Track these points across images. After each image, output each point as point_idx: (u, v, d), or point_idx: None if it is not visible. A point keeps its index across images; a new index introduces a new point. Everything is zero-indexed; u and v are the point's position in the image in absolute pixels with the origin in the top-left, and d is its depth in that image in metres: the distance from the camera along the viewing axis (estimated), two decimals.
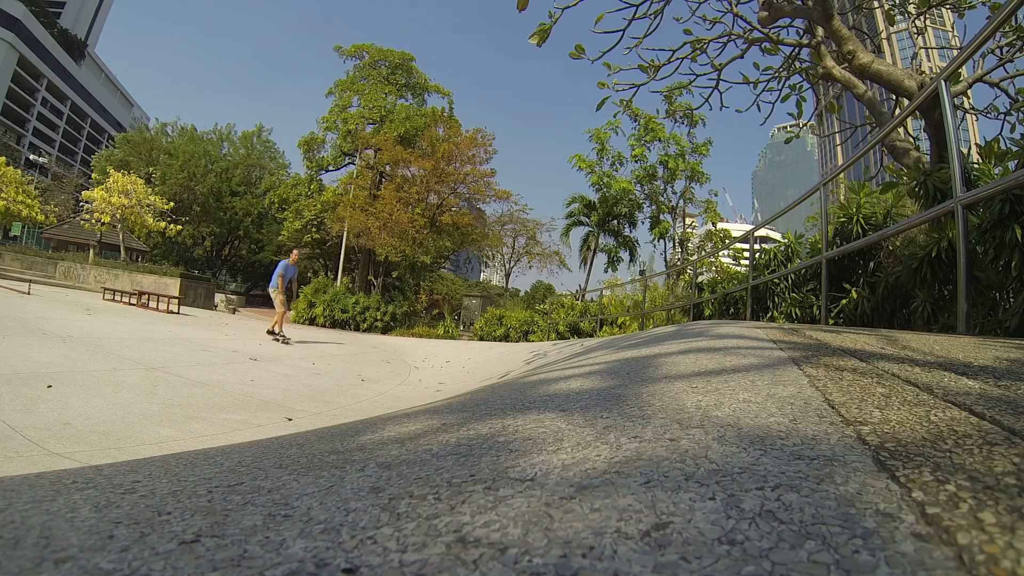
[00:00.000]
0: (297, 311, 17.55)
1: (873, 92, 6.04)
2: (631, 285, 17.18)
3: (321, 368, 5.88)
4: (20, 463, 2.02)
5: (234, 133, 36.14)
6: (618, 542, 0.50)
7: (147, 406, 3.11)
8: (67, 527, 0.66)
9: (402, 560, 0.51)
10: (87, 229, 22.87)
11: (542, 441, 0.94)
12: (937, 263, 3.56)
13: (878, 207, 4.80)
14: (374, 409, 3.72)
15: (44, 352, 4.23)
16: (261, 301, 36.88)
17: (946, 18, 11.54)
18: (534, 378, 2.35)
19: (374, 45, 27.66)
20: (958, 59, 2.75)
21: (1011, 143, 3.94)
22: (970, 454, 0.64)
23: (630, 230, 24.88)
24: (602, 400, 1.27)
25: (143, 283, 17.27)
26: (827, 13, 5.55)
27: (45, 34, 59.63)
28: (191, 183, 31.41)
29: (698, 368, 1.57)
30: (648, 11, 5.62)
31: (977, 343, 1.78)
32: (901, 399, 0.95)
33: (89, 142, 70.13)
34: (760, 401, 1.03)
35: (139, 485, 0.89)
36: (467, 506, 0.64)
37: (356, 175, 25.17)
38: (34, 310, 7.19)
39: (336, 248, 25.38)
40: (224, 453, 1.23)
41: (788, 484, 0.60)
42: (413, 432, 1.21)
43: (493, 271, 38.89)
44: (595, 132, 23.34)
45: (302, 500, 0.74)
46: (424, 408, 1.86)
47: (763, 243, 8.75)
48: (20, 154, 47.40)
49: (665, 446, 0.80)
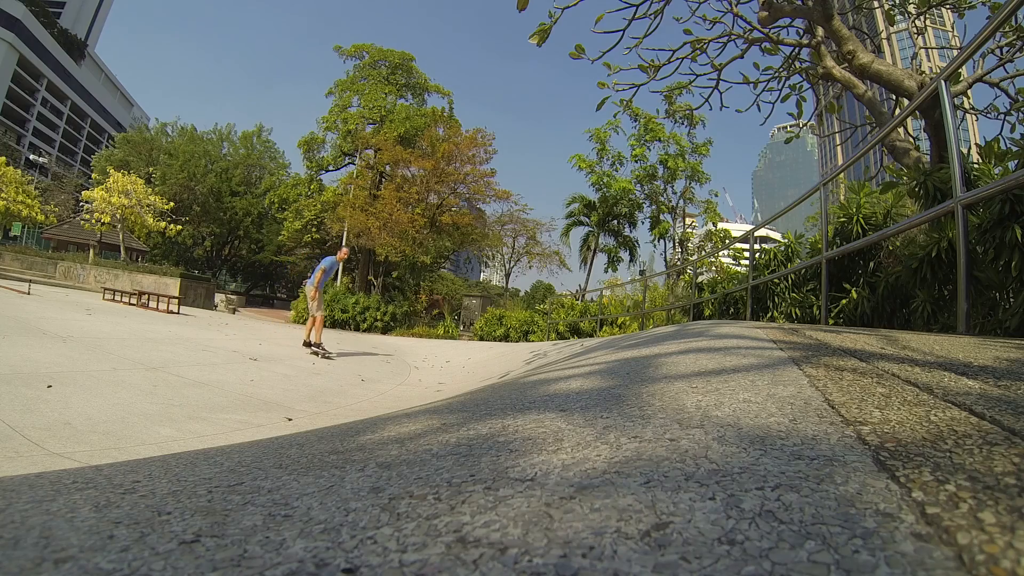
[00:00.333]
0: (297, 311, 17.55)
1: (873, 92, 6.04)
2: (631, 285, 17.18)
3: (321, 368, 5.88)
4: (20, 463, 2.02)
5: (234, 133, 36.18)
6: (618, 542, 0.50)
7: (147, 406, 3.11)
8: (67, 527, 0.66)
9: (402, 560, 0.51)
10: (87, 229, 22.88)
11: (542, 441, 0.94)
12: (937, 263, 3.56)
13: (878, 207, 4.79)
14: (374, 409, 3.72)
15: (44, 352, 4.23)
16: (261, 301, 36.93)
17: (946, 18, 11.54)
18: (534, 378, 2.35)
19: (374, 45, 27.67)
20: (958, 59, 2.75)
21: (1011, 143, 3.94)
22: (970, 454, 0.64)
23: (630, 230, 24.91)
24: (602, 400, 1.27)
25: (143, 283, 17.27)
26: (827, 13, 5.55)
27: (45, 34, 59.63)
28: (191, 183, 31.42)
29: (698, 368, 1.57)
30: (648, 11, 5.62)
31: (977, 343, 1.78)
32: (901, 399, 0.95)
33: (89, 142, 70.13)
34: (760, 401, 1.03)
35: (139, 485, 0.89)
36: (467, 506, 0.64)
37: (356, 175, 25.18)
38: (34, 310, 7.19)
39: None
40: (224, 453, 1.23)
41: (788, 484, 0.60)
42: (413, 432, 1.21)
43: (493, 271, 38.88)
44: (595, 132, 23.34)
45: (302, 500, 0.74)
46: (424, 408, 1.86)
47: (763, 243, 8.76)
48: (20, 154, 47.38)
49: (665, 446, 0.80)
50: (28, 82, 57.67)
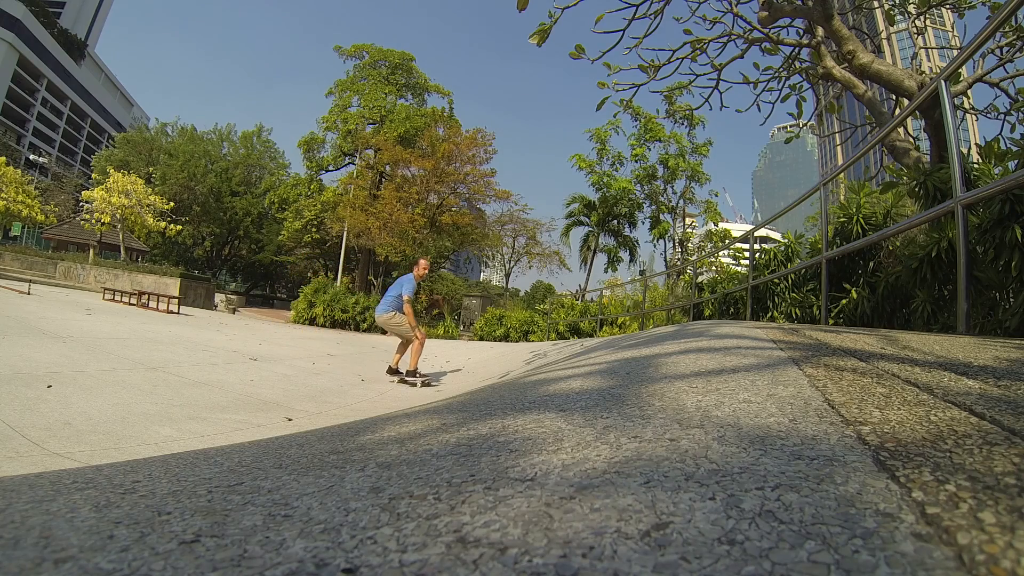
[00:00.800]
0: (297, 311, 17.53)
1: (873, 92, 6.04)
2: (631, 285, 17.19)
3: (321, 368, 5.88)
4: (20, 463, 2.02)
5: (234, 133, 36.20)
6: (618, 542, 0.50)
7: (147, 406, 3.11)
8: (67, 527, 0.66)
9: (402, 560, 0.51)
10: (87, 229, 22.88)
11: (542, 441, 0.94)
12: (937, 263, 3.56)
13: (878, 207, 4.79)
14: (374, 409, 3.72)
15: (44, 352, 4.23)
16: (261, 301, 36.91)
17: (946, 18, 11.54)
18: (534, 378, 2.35)
19: (374, 45, 27.70)
20: (958, 59, 2.74)
21: (1011, 143, 3.94)
22: (970, 454, 0.64)
23: (630, 230, 24.94)
24: (602, 400, 1.27)
25: (143, 283, 17.27)
26: (827, 13, 5.55)
27: (45, 34, 59.64)
28: (191, 183, 31.44)
29: (698, 368, 1.57)
30: (648, 11, 5.62)
31: (977, 343, 1.78)
32: (901, 399, 0.95)
33: (89, 142, 70.15)
34: (760, 401, 1.03)
35: (139, 485, 0.89)
36: (467, 506, 0.64)
37: (356, 175, 25.20)
38: (34, 310, 7.18)
39: (336, 248, 25.40)
40: (224, 453, 1.23)
41: (788, 484, 0.60)
42: (413, 432, 1.21)
43: (493, 271, 38.90)
44: (595, 132, 23.36)
45: (302, 500, 0.74)
46: (424, 408, 1.86)
47: (763, 243, 8.76)
48: (20, 154, 47.38)
49: (665, 446, 0.80)
50: (28, 82, 57.68)
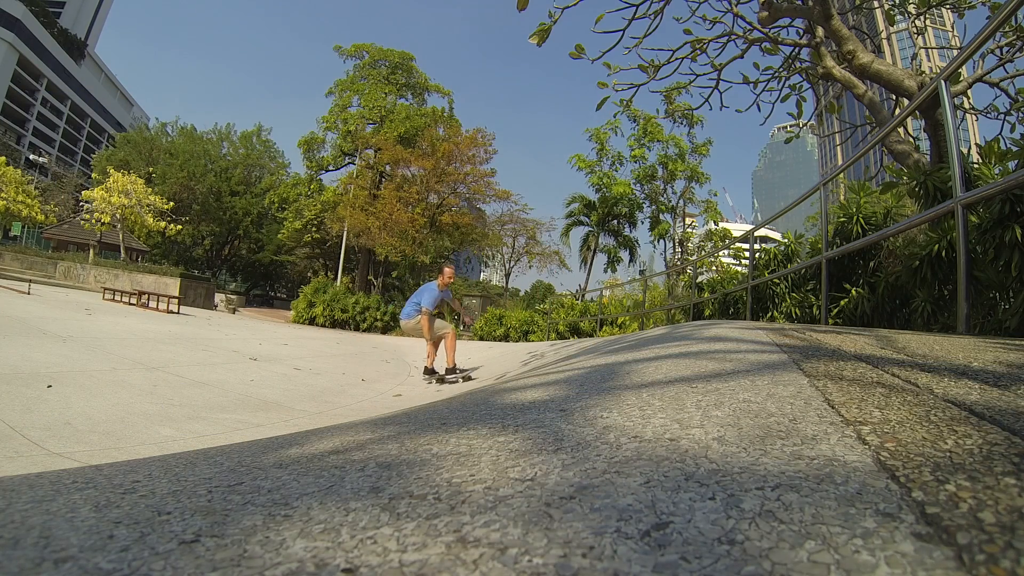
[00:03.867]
0: (297, 311, 17.52)
1: (873, 92, 6.04)
2: (631, 285, 17.18)
3: (321, 368, 5.88)
4: (20, 463, 2.02)
5: (234, 133, 36.20)
6: (618, 542, 0.50)
7: (147, 406, 3.11)
8: (67, 527, 0.66)
9: (402, 560, 0.51)
10: (87, 229, 22.87)
11: (542, 440, 0.94)
12: (937, 263, 3.56)
13: (878, 207, 4.79)
14: (374, 409, 3.72)
15: (44, 352, 4.23)
16: (261, 301, 36.93)
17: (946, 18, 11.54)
18: (533, 379, 2.35)
19: (374, 45, 27.69)
20: (958, 59, 2.74)
21: (1011, 143, 3.93)
22: (970, 454, 0.64)
23: (630, 230, 24.97)
24: (602, 400, 1.27)
25: (143, 283, 17.27)
26: (827, 13, 5.54)
27: (45, 34, 59.62)
28: (191, 183, 31.43)
29: (698, 368, 1.57)
30: (648, 11, 5.62)
31: (977, 343, 1.78)
32: (901, 399, 0.95)
33: (89, 142, 70.12)
34: (760, 401, 1.03)
35: (139, 485, 0.89)
36: (467, 506, 0.64)
37: (356, 175, 25.19)
38: (34, 310, 7.18)
39: (336, 248, 25.40)
40: (224, 453, 1.23)
41: (788, 484, 0.60)
42: (413, 432, 1.21)
43: (493, 271, 38.90)
44: (595, 132, 23.37)
45: (302, 500, 0.74)
46: (424, 408, 1.86)
47: (763, 243, 8.76)
48: (20, 154, 47.34)
49: (665, 446, 0.80)
50: (28, 82, 57.66)
